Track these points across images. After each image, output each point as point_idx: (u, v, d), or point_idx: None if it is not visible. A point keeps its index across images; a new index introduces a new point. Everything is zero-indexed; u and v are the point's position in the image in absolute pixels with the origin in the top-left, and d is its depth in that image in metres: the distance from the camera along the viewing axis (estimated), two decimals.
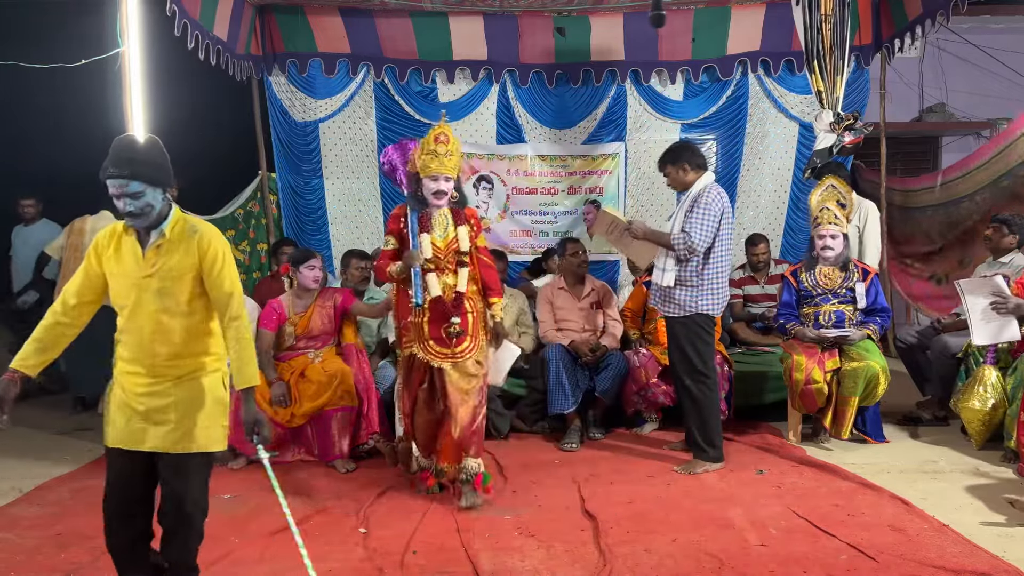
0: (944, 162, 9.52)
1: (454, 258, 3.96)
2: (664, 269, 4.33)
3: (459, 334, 3.88)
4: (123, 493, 2.60)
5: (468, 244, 3.97)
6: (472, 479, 3.84)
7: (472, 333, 3.95)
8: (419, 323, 3.93)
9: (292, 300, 4.77)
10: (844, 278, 4.83)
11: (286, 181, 6.94)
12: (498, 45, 6.75)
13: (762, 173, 7.01)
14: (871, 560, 3.08)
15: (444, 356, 3.91)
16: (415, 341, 3.95)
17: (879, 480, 4.03)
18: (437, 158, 3.89)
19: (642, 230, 4.44)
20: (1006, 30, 9.14)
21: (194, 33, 5.15)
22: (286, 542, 3.34)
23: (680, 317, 4.32)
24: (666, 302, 4.37)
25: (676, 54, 6.81)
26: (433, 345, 3.92)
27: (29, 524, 3.66)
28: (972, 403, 4.48)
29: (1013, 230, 5.00)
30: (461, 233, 3.97)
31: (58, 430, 5.44)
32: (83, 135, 5.59)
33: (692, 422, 4.38)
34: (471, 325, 3.96)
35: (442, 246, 3.96)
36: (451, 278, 3.94)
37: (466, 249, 3.96)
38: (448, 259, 3.96)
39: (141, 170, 2.50)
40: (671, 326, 4.41)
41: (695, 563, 3.11)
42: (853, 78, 6.46)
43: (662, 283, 4.34)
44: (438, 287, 3.91)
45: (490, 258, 4.13)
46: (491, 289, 4.06)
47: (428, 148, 3.89)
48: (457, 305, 3.92)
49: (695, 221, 4.20)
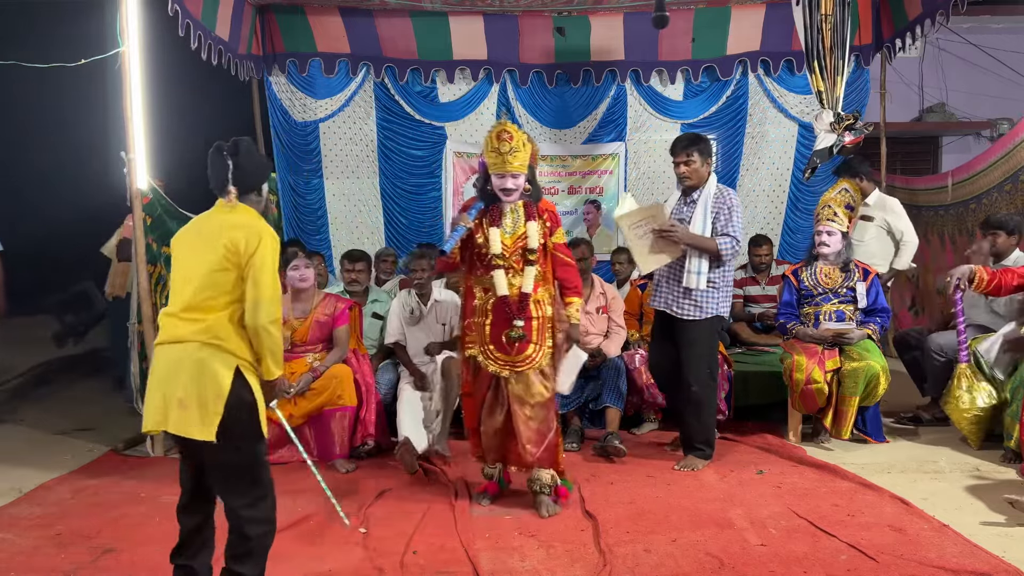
0: (944, 162, 9.55)
1: (521, 256, 3.67)
2: (698, 272, 4.17)
3: (520, 339, 3.61)
4: None
5: (537, 241, 3.67)
6: (548, 491, 3.67)
7: (537, 340, 3.65)
8: (481, 324, 3.68)
9: (290, 302, 4.74)
10: (845, 278, 4.84)
11: (286, 181, 6.94)
12: (498, 45, 6.75)
13: (762, 173, 7.01)
14: (871, 560, 3.07)
15: (504, 363, 3.65)
16: (477, 343, 3.71)
17: (879, 480, 4.02)
18: (500, 156, 3.62)
19: (686, 236, 4.16)
20: (1006, 30, 9.16)
21: (197, 33, 5.16)
22: (286, 542, 3.35)
23: (701, 320, 4.21)
24: (683, 305, 4.23)
25: (676, 54, 6.81)
26: (493, 350, 3.67)
27: (29, 524, 3.65)
28: (954, 403, 4.54)
29: (1011, 231, 5.00)
30: (531, 229, 3.67)
31: (58, 430, 5.43)
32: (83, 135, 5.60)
33: (693, 423, 4.34)
34: (535, 331, 3.65)
35: (510, 242, 3.68)
36: (516, 278, 3.66)
37: (535, 246, 3.66)
38: (515, 256, 3.67)
39: None
40: (687, 329, 4.25)
41: (695, 563, 3.11)
42: (853, 78, 6.46)
43: (696, 286, 4.17)
44: (505, 285, 3.63)
45: (569, 255, 3.85)
46: (568, 288, 3.78)
47: (491, 146, 3.64)
48: (522, 307, 3.63)
49: (735, 223, 4.17)
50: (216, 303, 2.59)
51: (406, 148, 6.96)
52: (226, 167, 2.70)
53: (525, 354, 3.63)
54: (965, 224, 6.50)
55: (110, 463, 4.64)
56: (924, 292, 7.62)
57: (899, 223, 5.56)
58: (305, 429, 4.58)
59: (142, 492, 4.10)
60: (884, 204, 5.64)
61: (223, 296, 2.60)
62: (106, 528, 3.57)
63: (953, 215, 6.77)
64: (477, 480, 4.00)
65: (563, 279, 3.79)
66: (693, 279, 4.17)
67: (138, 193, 4.70)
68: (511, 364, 3.64)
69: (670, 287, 4.29)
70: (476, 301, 3.73)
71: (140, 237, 4.75)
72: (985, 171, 6.18)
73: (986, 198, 6.15)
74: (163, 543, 3.33)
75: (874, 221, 5.57)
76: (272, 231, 2.71)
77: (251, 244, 2.61)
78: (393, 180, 6.98)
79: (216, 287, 2.59)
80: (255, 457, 2.61)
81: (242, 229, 2.63)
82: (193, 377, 2.53)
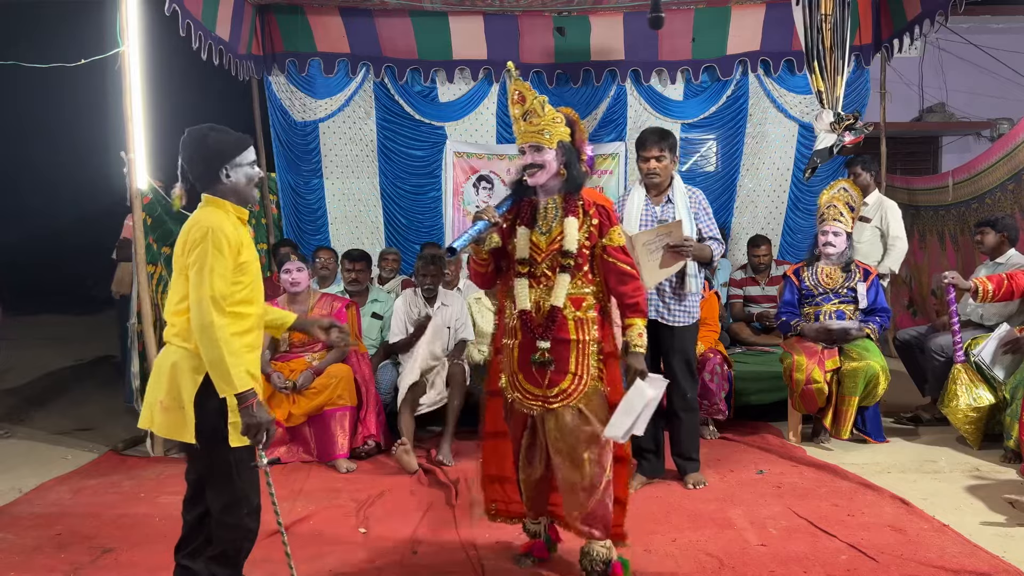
0: (944, 162, 9.55)
1: (555, 261, 2.92)
2: (695, 276, 4.04)
3: (545, 364, 2.87)
4: None
5: (576, 242, 2.90)
6: (603, 570, 2.91)
7: (576, 370, 2.89)
8: (511, 347, 2.98)
9: (287, 304, 4.74)
10: (846, 278, 4.84)
11: (286, 181, 6.94)
12: (498, 45, 6.74)
13: (762, 173, 7.00)
14: (871, 560, 3.08)
15: (533, 397, 2.92)
16: (507, 371, 3.01)
17: (879, 480, 4.03)
18: (516, 124, 2.96)
19: (696, 247, 3.89)
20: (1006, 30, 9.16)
21: (197, 33, 5.15)
22: None
23: (690, 325, 4.10)
24: (675, 312, 4.06)
25: (676, 54, 6.81)
26: (522, 380, 2.94)
27: (29, 524, 3.65)
28: (951, 403, 4.57)
29: (999, 229, 5.03)
30: (568, 227, 2.90)
31: (58, 430, 5.43)
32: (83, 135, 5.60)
33: (687, 431, 4.12)
34: (574, 359, 2.90)
35: (543, 244, 2.94)
36: (546, 290, 2.92)
37: (571, 248, 2.89)
38: (547, 263, 2.93)
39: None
40: (679, 336, 4.04)
41: (695, 563, 3.11)
42: (853, 78, 6.46)
43: (696, 290, 4.06)
44: (526, 297, 2.92)
45: (628, 262, 2.96)
46: (627, 305, 2.93)
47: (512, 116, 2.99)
48: (548, 326, 2.88)
49: (715, 225, 4.08)
50: (183, 306, 2.50)
51: (406, 148, 6.95)
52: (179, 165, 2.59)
53: (560, 387, 2.88)
54: (967, 224, 6.50)
55: (110, 463, 4.63)
56: (919, 293, 7.64)
57: (895, 227, 5.57)
58: (305, 429, 4.58)
59: (142, 492, 4.10)
60: (883, 206, 5.64)
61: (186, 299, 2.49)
62: (106, 528, 3.57)
63: (954, 215, 6.77)
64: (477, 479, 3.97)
65: (619, 293, 2.95)
66: (692, 284, 4.06)
67: (138, 193, 4.70)
68: (543, 399, 2.91)
69: (661, 295, 4.07)
70: (506, 318, 3.03)
71: (140, 237, 4.75)
72: (986, 171, 6.18)
73: (989, 197, 6.16)
74: (163, 543, 3.34)
75: (871, 222, 5.57)
76: (226, 222, 2.49)
77: (193, 240, 2.45)
78: (393, 180, 6.98)
79: (181, 289, 2.51)
80: (227, 464, 2.52)
81: (194, 226, 2.47)
82: (169, 380, 2.51)
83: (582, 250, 2.92)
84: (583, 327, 2.91)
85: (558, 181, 2.95)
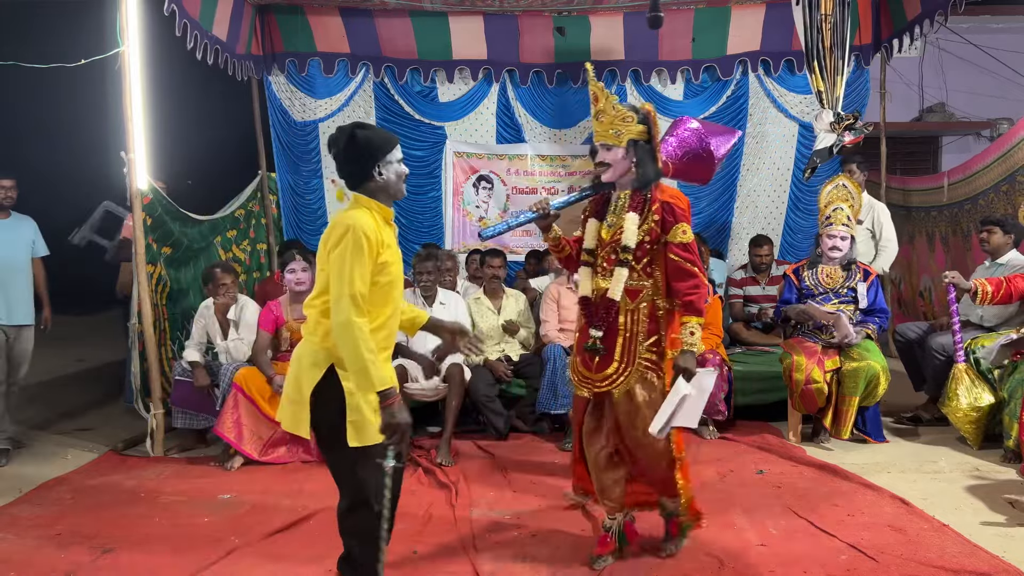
0: (944, 162, 9.55)
1: (613, 254, 3.04)
2: None
3: (596, 351, 3.02)
4: None
5: (635, 237, 2.98)
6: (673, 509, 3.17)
7: (622, 359, 3.01)
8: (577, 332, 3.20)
9: (289, 304, 4.74)
10: (846, 278, 4.85)
11: (286, 181, 6.94)
12: (498, 45, 6.75)
13: (762, 173, 7.00)
14: (871, 560, 3.08)
15: (585, 380, 3.11)
16: (573, 355, 3.22)
17: (879, 480, 4.02)
18: (592, 122, 3.10)
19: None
20: (1006, 30, 9.16)
21: (193, 33, 5.15)
22: (286, 542, 3.35)
23: None
24: None
25: (676, 54, 6.81)
26: (579, 363, 3.13)
27: (29, 524, 3.65)
28: (952, 403, 4.57)
29: (1007, 230, 5.02)
30: (627, 222, 2.99)
31: (58, 430, 5.43)
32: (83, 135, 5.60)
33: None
34: (620, 347, 3.01)
35: (607, 236, 3.07)
36: (605, 280, 3.05)
37: (629, 243, 2.98)
38: (607, 255, 3.05)
39: None
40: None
41: (695, 563, 3.11)
42: (853, 78, 6.46)
43: None
44: (588, 284, 3.08)
45: (692, 260, 2.99)
46: (684, 304, 2.98)
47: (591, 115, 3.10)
48: (603, 315, 3.01)
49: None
50: (317, 300, 2.51)
51: (406, 148, 6.82)
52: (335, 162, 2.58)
53: (604, 373, 3.03)
54: (960, 225, 6.49)
55: (110, 463, 4.63)
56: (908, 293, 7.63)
57: (886, 228, 5.59)
58: None
59: (142, 492, 4.10)
60: (874, 208, 5.65)
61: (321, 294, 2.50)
62: (106, 528, 3.57)
63: (947, 216, 6.75)
64: (477, 479, 3.98)
65: (676, 290, 3.00)
66: None
67: (138, 193, 4.70)
68: (591, 383, 3.08)
69: None
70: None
71: (140, 237, 4.75)
72: (981, 172, 6.17)
73: (982, 198, 6.15)
74: (163, 543, 3.35)
75: (863, 224, 5.57)
76: (369, 222, 2.46)
77: (335, 235, 2.43)
78: None
79: (320, 284, 2.53)
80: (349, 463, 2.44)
81: (338, 224, 2.45)
82: (295, 373, 2.52)
83: (642, 244, 3.00)
84: (636, 319, 3.02)
85: (630, 177, 3.05)
